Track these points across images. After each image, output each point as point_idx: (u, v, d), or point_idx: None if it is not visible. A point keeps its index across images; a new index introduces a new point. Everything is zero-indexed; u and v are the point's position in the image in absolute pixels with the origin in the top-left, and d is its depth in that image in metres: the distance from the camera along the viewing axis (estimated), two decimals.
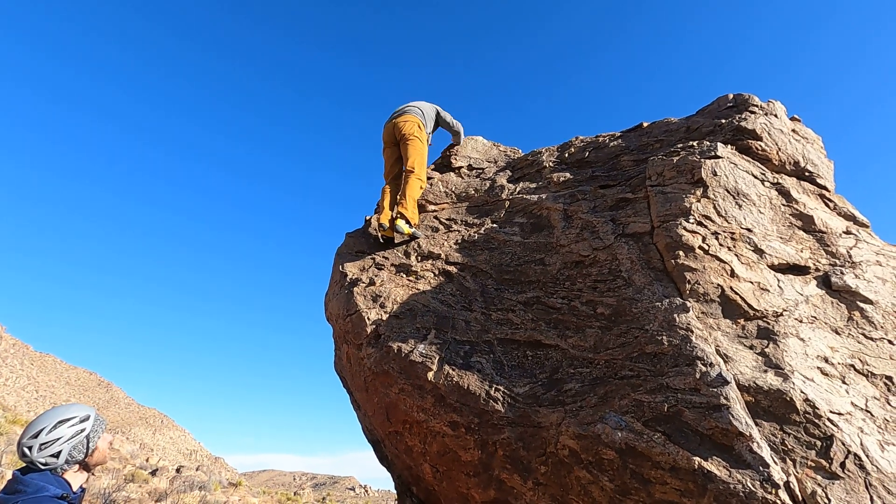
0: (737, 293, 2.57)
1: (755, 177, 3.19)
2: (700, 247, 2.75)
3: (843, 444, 1.98)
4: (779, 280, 2.71)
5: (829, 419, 2.05)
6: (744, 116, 3.57)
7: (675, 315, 2.49)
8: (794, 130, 3.66)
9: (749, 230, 2.89)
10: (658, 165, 3.31)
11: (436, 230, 4.12)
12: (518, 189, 4.10)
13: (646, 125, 4.24)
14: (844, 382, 2.29)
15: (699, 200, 2.97)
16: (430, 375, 2.85)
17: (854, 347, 2.49)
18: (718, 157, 3.15)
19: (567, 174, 3.99)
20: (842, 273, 2.78)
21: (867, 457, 1.96)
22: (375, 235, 4.34)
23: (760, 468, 1.93)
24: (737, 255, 2.75)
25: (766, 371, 2.24)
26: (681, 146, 3.45)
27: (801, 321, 2.52)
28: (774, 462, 1.96)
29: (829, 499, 1.86)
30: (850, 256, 2.90)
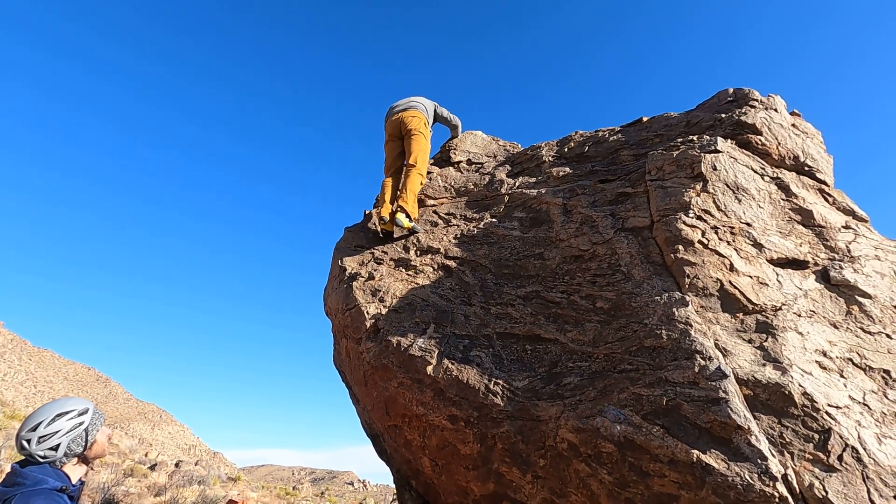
0: (736, 287, 2.58)
1: (755, 171, 3.19)
2: (699, 241, 2.75)
3: (841, 437, 1.99)
4: (778, 274, 2.71)
5: (827, 412, 2.06)
6: (744, 111, 3.56)
7: (675, 309, 2.49)
8: (794, 125, 3.65)
9: (748, 224, 2.89)
10: (658, 160, 3.31)
11: (435, 225, 4.11)
12: (517, 184, 4.09)
13: (646, 120, 4.23)
14: (842, 376, 2.30)
15: (699, 195, 2.97)
16: (430, 369, 2.85)
17: (852, 341, 2.49)
18: (718, 152, 3.14)
19: (566, 169, 3.99)
20: (840, 267, 2.78)
21: (864, 450, 1.97)
22: (374, 230, 4.34)
23: (758, 461, 1.94)
24: (736, 250, 2.75)
25: (765, 365, 2.24)
26: (681, 140, 3.44)
27: (800, 315, 2.52)
28: (772, 455, 1.97)
29: (827, 491, 1.87)
30: (849, 251, 2.90)
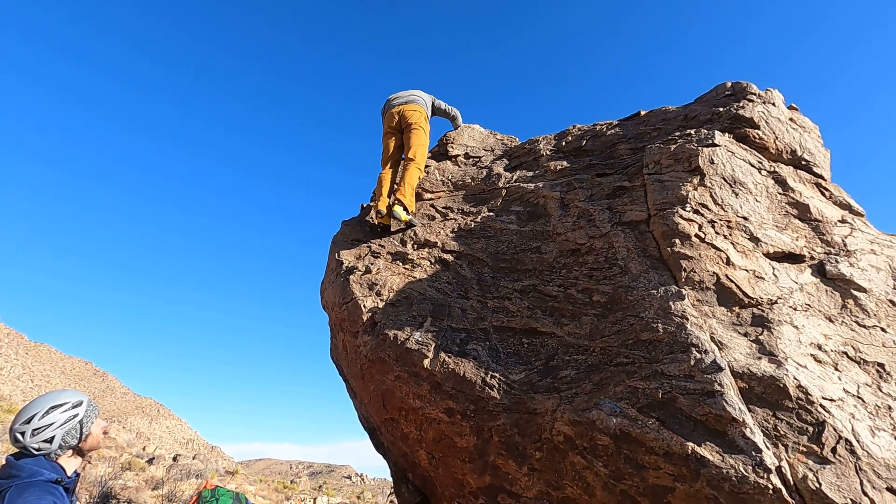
0: (732, 281, 2.58)
1: (752, 165, 3.19)
2: (696, 235, 2.75)
3: (835, 430, 2.00)
4: (774, 268, 2.72)
5: (822, 405, 2.07)
6: (742, 105, 3.55)
7: (671, 303, 2.49)
8: (792, 119, 3.64)
9: (745, 218, 2.89)
10: (655, 153, 3.30)
11: (432, 218, 4.10)
12: (515, 177, 4.08)
13: (643, 113, 4.21)
14: (837, 369, 2.31)
15: (696, 189, 2.97)
16: (426, 363, 2.85)
17: (847, 335, 2.50)
18: (716, 146, 3.14)
19: (564, 162, 3.98)
20: (836, 261, 2.79)
21: (858, 442, 1.98)
22: (371, 224, 4.32)
23: (753, 453, 1.95)
24: (732, 244, 2.75)
25: (760, 358, 2.25)
26: (678, 134, 3.43)
27: (796, 309, 2.53)
28: (767, 447, 1.98)
29: (821, 483, 1.88)
30: (845, 245, 2.91)
